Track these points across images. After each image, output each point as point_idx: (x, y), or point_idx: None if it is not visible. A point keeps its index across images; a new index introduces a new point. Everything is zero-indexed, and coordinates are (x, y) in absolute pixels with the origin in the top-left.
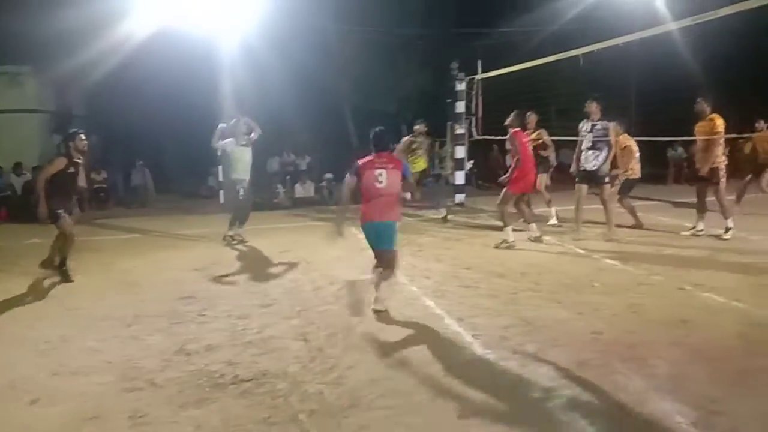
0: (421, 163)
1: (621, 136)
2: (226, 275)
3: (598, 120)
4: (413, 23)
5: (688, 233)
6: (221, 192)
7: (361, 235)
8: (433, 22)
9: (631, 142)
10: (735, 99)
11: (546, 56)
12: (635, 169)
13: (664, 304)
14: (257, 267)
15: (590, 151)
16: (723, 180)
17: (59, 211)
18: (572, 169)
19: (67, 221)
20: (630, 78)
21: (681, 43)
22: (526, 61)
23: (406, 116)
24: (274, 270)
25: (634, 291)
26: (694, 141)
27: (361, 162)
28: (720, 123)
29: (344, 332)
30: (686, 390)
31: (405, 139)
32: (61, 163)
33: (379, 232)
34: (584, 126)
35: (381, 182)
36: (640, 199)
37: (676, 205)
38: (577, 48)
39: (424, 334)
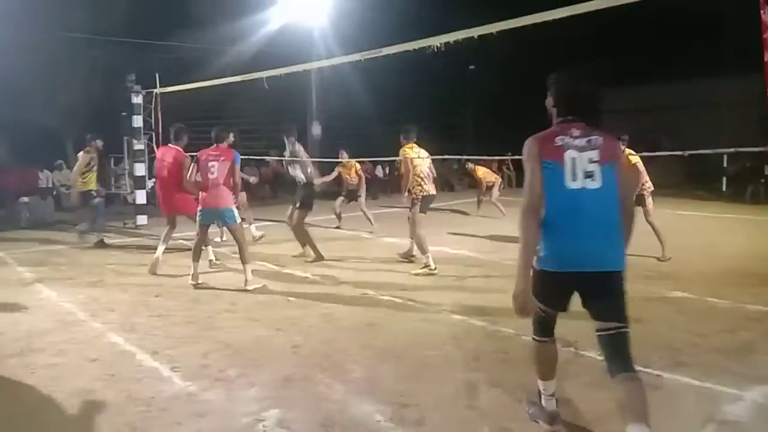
0: (92, 181)
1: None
2: None
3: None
4: (81, 28)
5: (420, 271)
6: None
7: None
8: (104, 29)
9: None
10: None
11: (231, 76)
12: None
13: (352, 310)
14: None
15: None
16: (417, 209)
17: None
18: None
19: None
20: (308, 103)
21: (356, 75)
22: (213, 79)
23: (72, 130)
24: None
25: (324, 301)
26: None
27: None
28: (409, 152)
29: (6, 386)
30: (380, 389)
31: (84, 154)
32: None
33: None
34: None
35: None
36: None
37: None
38: (260, 71)
39: (113, 375)
